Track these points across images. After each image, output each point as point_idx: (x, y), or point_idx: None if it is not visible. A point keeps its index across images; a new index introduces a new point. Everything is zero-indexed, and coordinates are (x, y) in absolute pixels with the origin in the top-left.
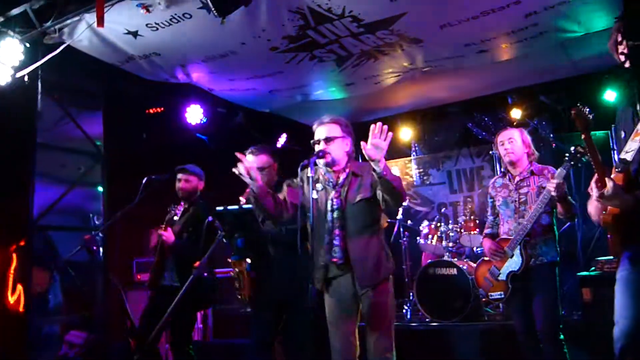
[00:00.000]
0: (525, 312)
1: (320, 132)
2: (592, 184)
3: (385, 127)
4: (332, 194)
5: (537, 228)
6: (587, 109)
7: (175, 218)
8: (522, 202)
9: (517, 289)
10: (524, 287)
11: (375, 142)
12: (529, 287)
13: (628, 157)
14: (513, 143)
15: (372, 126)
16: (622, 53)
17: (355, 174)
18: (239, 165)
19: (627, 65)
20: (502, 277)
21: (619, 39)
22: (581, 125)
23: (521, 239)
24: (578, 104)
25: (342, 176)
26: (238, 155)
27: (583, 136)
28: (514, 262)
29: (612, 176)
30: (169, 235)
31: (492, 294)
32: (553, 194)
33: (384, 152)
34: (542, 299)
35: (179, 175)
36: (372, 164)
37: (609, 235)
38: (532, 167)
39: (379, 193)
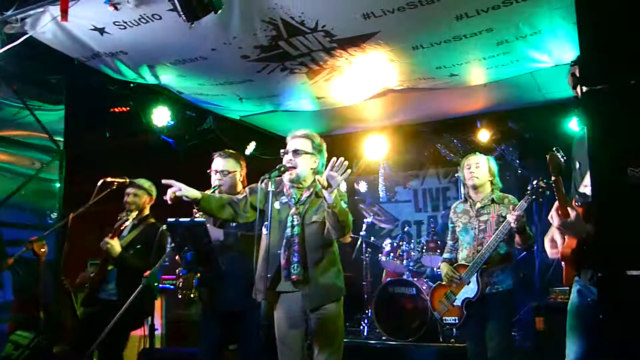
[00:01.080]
0: (478, 337)
1: (292, 144)
2: (553, 212)
3: (346, 162)
4: (292, 210)
5: (495, 256)
6: (561, 154)
7: (125, 233)
8: (482, 229)
9: (471, 315)
10: (479, 314)
11: (331, 174)
12: (484, 314)
13: (587, 191)
14: (479, 168)
15: (333, 159)
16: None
17: (318, 195)
18: (168, 191)
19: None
20: (458, 302)
21: (572, 83)
22: (554, 169)
23: (479, 267)
24: (553, 149)
25: (305, 194)
26: (165, 182)
27: (553, 178)
28: (470, 289)
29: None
30: (114, 244)
31: (447, 318)
32: (513, 225)
33: (337, 185)
34: (496, 326)
35: (128, 189)
36: (324, 192)
37: (563, 264)
38: (493, 196)
39: (327, 222)
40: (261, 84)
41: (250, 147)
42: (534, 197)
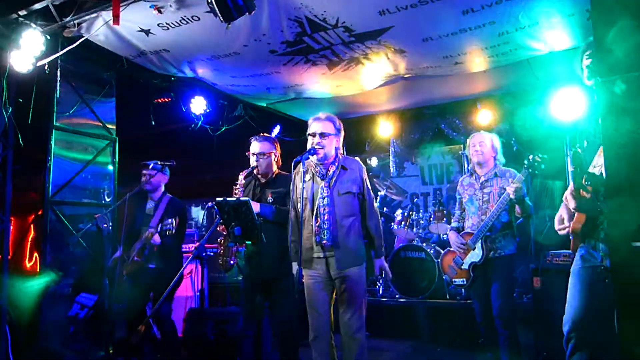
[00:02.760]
0: (484, 297)
1: (317, 126)
2: (568, 195)
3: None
4: (322, 184)
5: (497, 224)
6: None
7: (149, 213)
8: (485, 200)
9: (477, 277)
10: (484, 276)
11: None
12: (489, 276)
13: (596, 171)
14: (483, 146)
15: None
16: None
17: (344, 168)
18: None
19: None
20: (465, 266)
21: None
22: (574, 162)
23: (482, 234)
24: (577, 147)
25: (332, 169)
26: None
27: (571, 169)
28: (475, 254)
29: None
30: (157, 239)
31: (456, 280)
32: (512, 196)
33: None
34: (499, 287)
35: (143, 171)
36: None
37: (571, 237)
38: (496, 170)
39: None
40: (286, 75)
41: (276, 131)
42: (530, 170)
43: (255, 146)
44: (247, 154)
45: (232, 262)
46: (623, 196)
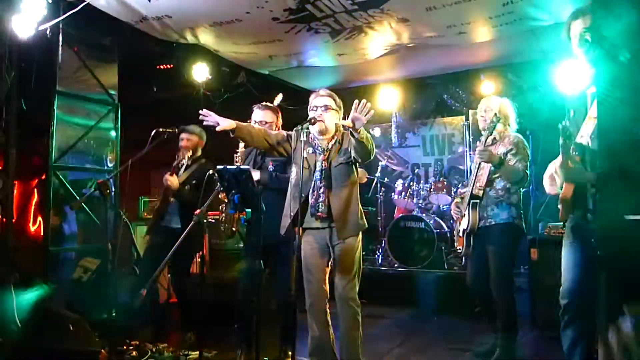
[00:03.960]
0: (478, 266)
1: (319, 101)
2: (558, 168)
3: (368, 104)
4: (320, 157)
5: (490, 191)
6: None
7: (181, 171)
8: (482, 167)
9: (473, 245)
10: (480, 245)
11: (356, 116)
12: (484, 245)
13: (583, 141)
14: (488, 112)
15: (355, 102)
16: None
17: (340, 142)
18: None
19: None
20: (460, 233)
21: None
22: (564, 134)
23: (468, 200)
24: (564, 122)
25: (331, 142)
26: (202, 113)
27: (562, 141)
28: (464, 222)
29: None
30: (174, 180)
31: (458, 246)
32: (477, 159)
33: (362, 125)
34: (494, 256)
35: (182, 135)
36: (352, 131)
37: (559, 206)
38: (496, 134)
39: (353, 152)
40: (288, 43)
41: (278, 99)
42: (487, 131)
43: (257, 114)
44: (248, 121)
45: (233, 228)
46: (615, 168)
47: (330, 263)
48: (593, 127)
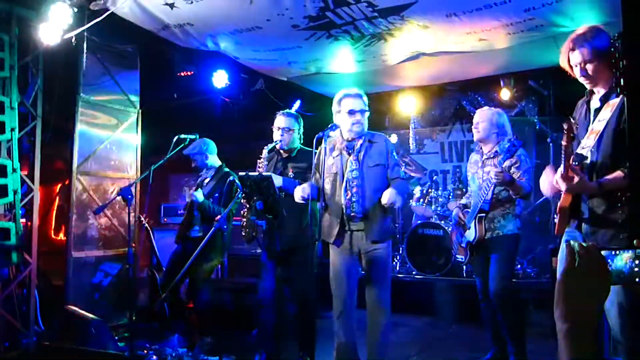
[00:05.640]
0: (482, 277)
1: (354, 103)
2: (558, 178)
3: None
4: (351, 157)
5: (496, 203)
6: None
7: (207, 180)
8: (485, 179)
9: (476, 255)
10: (483, 255)
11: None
12: (486, 256)
13: (584, 152)
14: (480, 123)
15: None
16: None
17: (371, 142)
18: None
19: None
20: (463, 244)
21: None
22: (567, 136)
23: (475, 214)
24: (570, 118)
25: (360, 142)
26: None
27: (564, 144)
28: (470, 234)
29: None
30: (199, 195)
31: (458, 256)
32: (493, 180)
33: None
34: (496, 267)
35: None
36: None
37: (556, 219)
38: (497, 147)
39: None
40: (308, 50)
41: (296, 105)
42: (510, 155)
43: (280, 120)
44: (272, 127)
45: (253, 234)
46: None
47: (360, 268)
48: (594, 141)
